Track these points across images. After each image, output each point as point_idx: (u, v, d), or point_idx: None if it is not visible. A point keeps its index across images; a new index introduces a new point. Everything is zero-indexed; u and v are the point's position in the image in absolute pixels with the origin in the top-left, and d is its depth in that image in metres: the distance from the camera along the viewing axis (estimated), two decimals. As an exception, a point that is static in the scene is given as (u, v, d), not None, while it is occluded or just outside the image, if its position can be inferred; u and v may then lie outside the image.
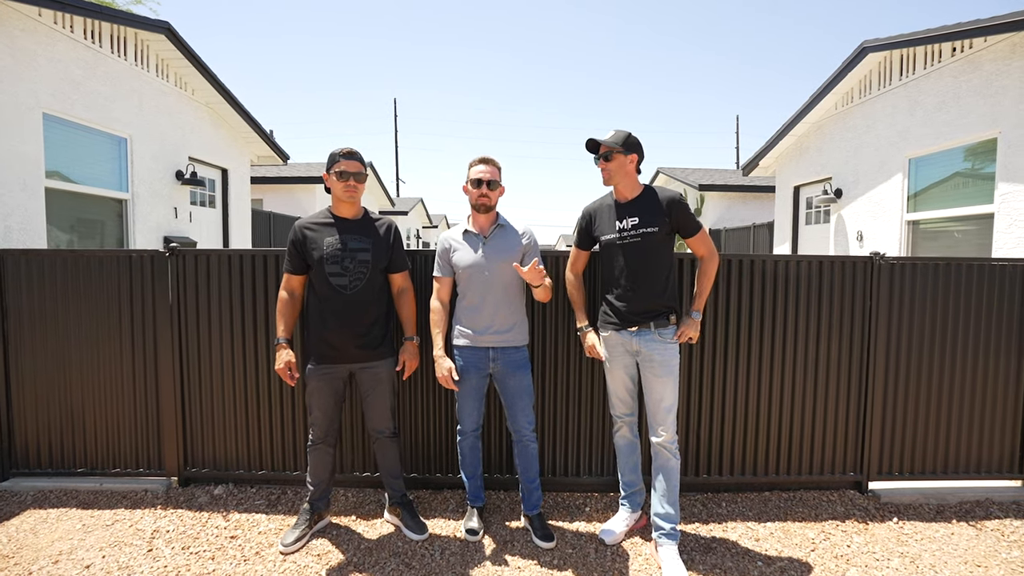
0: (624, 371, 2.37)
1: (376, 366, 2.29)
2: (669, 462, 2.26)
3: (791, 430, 2.85)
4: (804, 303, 2.81)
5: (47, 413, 2.84)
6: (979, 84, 4.84)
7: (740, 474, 2.86)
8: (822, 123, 7.36)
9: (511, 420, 2.40)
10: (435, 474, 2.84)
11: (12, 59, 4.37)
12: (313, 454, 2.36)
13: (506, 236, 2.38)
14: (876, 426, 2.86)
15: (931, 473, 2.90)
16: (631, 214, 2.26)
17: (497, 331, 2.32)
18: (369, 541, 2.38)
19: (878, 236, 6.16)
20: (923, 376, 2.86)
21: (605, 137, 2.26)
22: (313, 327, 2.27)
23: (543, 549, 2.33)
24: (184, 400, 2.81)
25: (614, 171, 2.26)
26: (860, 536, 2.52)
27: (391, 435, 2.40)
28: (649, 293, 2.25)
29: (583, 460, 2.85)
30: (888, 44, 5.56)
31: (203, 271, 2.77)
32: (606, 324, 2.37)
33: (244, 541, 2.37)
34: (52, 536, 2.39)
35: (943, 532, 2.56)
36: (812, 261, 2.82)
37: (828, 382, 2.84)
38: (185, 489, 2.82)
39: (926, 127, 5.48)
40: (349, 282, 2.20)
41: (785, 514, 2.69)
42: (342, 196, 2.24)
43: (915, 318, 2.83)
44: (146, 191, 5.98)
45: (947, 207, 5.38)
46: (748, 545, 2.41)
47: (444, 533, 2.45)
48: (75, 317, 2.79)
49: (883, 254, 2.81)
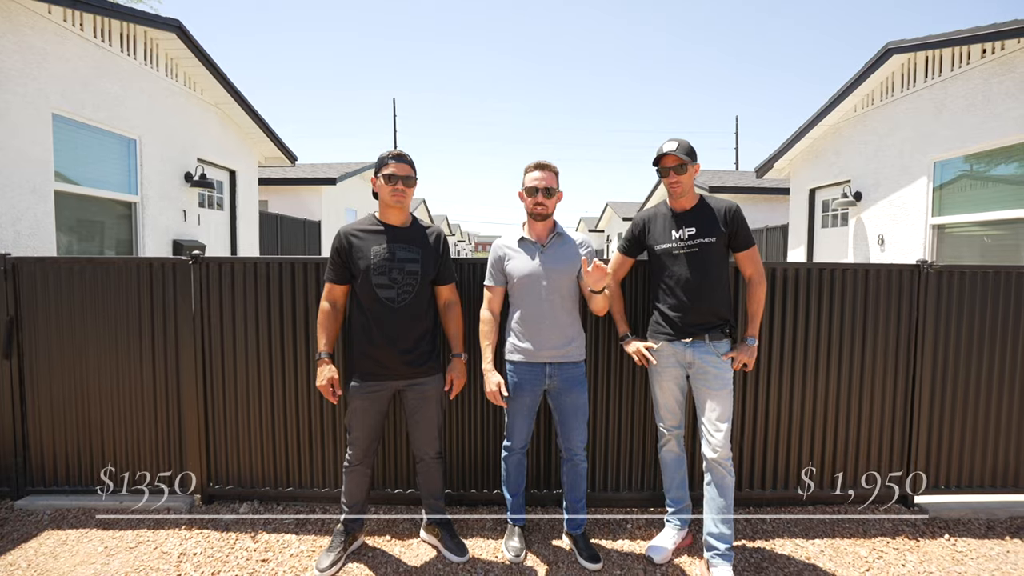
0: (674, 382, 2.30)
1: (424, 383, 2.17)
2: (724, 479, 2.17)
3: (835, 442, 2.77)
4: (849, 313, 2.72)
5: (64, 428, 2.72)
6: (1011, 87, 4.75)
7: (784, 488, 2.77)
8: (840, 126, 7.27)
9: (564, 438, 2.29)
10: (471, 490, 2.73)
11: (21, 58, 4.24)
12: (350, 475, 2.24)
13: (565, 245, 2.27)
14: (923, 438, 2.77)
15: (979, 487, 2.81)
16: (688, 224, 2.19)
17: (555, 345, 2.20)
18: (408, 565, 2.27)
19: (900, 240, 6.08)
20: (971, 386, 2.77)
21: (671, 149, 2.17)
22: (357, 342, 2.14)
23: (591, 571, 2.23)
24: (208, 413, 2.70)
25: (686, 184, 2.20)
26: (913, 554, 2.42)
27: (437, 456, 2.29)
28: (706, 305, 2.19)
29: (623, 475, 2.75)
30: (914, 46, 5.47)
31: (227, 280, 2.66)
32: (657, 334, 2.29)
33: (276, 565, 2.25)
34: (73, 560, 2.27)
35: (998, 550, 2.47)
36: (857, 270, 2.73)
37: (873, 393, 2.75)
38: (209, 507, 2.71)
39: (953, 129, 5.39)
40: (397, 294, 2.08)
41: (833, 530, 2.60)
42: (390, 201, 2.12)
43: (963, 327, 2.75)
44: (155, 193, 5.86)
45: (974, 211, 5.29)
46: (800, 564, 2.32)
47: (484, 555, 2.34)
48: (93, 328, 2.68)
49: (931, 262, 2.73)
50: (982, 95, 5.05)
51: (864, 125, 6.78)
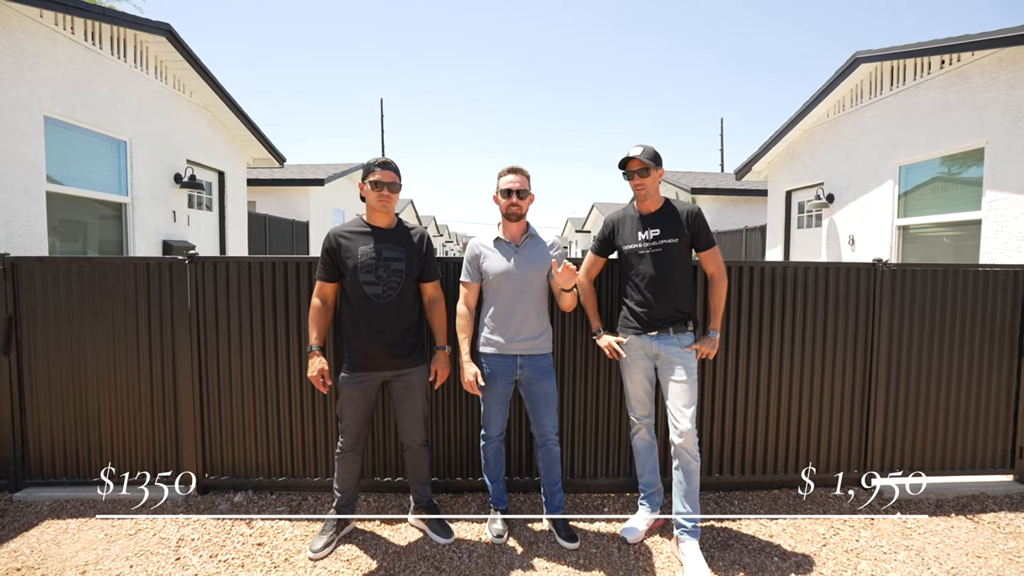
0: (643, 374, 2.45)
1: (409, 374, 2.32)
2: (690, 464, 2.33)
3: (799, 430, 2.95)
4: (811, 308, 2.91)
5: (62, 422, 2.81)
6: (967, 96, 5.04)
7: (751, 473, 2.95)
8: (814, 130, 7.55)
9: (536, 425, 2.46)
10: (455, 478, 2.88)
11: (13, 61, 4.30)
12: (342, 462, 2.39)
13: (537, 246, 2.44)
14: (879, 425, 2.97)
15: (930, 470, 3.03)
16: (653, 226, 2.36)
17: (525, 338, 2.37)
18: (397, 546, 2.41)
19: (869, 240, 6.36)
20: (923, 377, 2.98)
21: (636, 153, 2.33)
22: (347, 336, 2.29)
23: (568, 550, 2.39)
24: (203, 407, 2.81)
25: (649, 186, 2.36)
26: (867, 531, 2.62)
27: (423, 443, 2.43)
28: (669, 300, 2.35)
29: (600, 462, 2.91)
30: (880, 55, 5.75)
31: (222, 279, 2.77)
32: (626, 328, 2.45)
33: (271, 548, 2.38)
34: (75, 546, 2.38)
35: (944, 525, 2.68)
36: (819, 268, 2.92)
37: (834, 384, 2.95)
38: (205, 497, 2.82)
39: (916, 136, 5.67)
40: (383, 291, 2.23)
41: (795, 510, 2.79)
42: (376, 205, 2.27)
43: (915, 322, 2.95)
44: (145, 194, 5.91)
45: (936, 213, 5.58)
46: (763, 541, 2.50)
47: (469, 536, 2.49)
48: (91, 325, 2.77)
49: (886, 261, 2.93)
50: (941, 103, 5.34)
51: (836, 130, 7.07)
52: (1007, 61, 4.67)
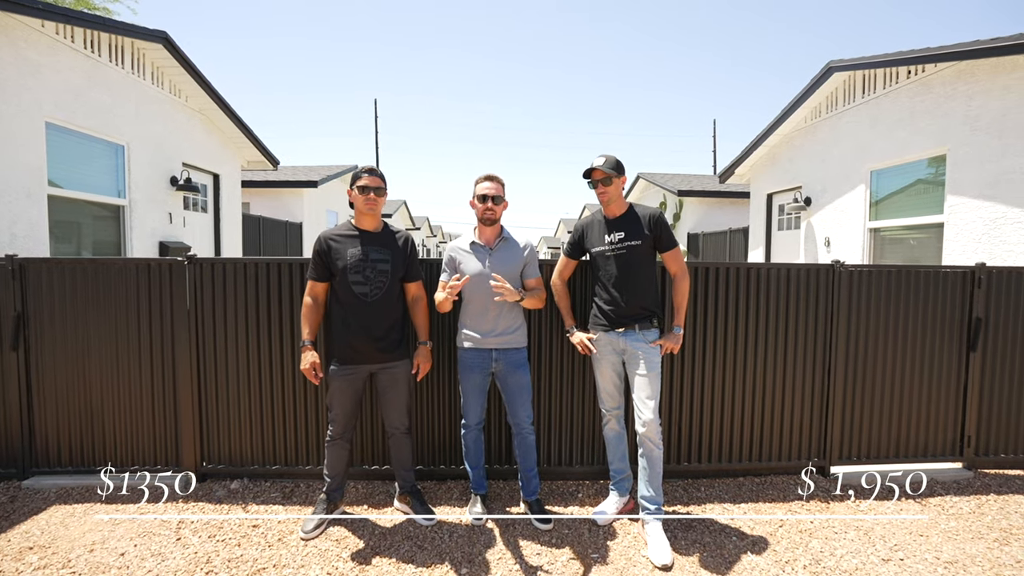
0: (612, 368, 2.64)
1: (394, 367, 2.51)
2: (653, 452, 2.51)
3: (762, 422, 3.15)
4: (775, 306, 3.11)
5: (67, 414, 2.98)
6: (931, 105, 5.29)
7: (718, 461, 3.15)
8: (792, 135, 7.80)
9: (512, 414, 2.65)
10: (439, 466, 3.07)
11: (16, 70, 4.46)
12: (331, 449, 2.57)
13: (509, 248, 2.63)
14: (837, 417, 3.17)
15: (885, 458, 3.23)
16: (618, 229, 2.55)
17: (500, 333, 2.56)
18: (383, 527, 2.60)
19: (844, 242, 6.60)
20: (879, 371, 3.19)
21: (599, 164, 2.52)
22: (336, 332, 2.48)
23: (542, 530, 2.58)
24: (201, 399, 2.98)
25: (612, 194, 2.54)
26: (822, 514, 2.82)
27: (406, 431, 2.62)
28: (634, 299, 2.52)
29: (575, 451, 3.10)
30: (852, 65, 6.00)
31: (219, 279, 2.95)
32: (596, 326, 2.63)
33: (266, 529, 2.56)
34: (82, 528, 2.55)
35: (893, 508, 2.89)
36: (781, 269, 3.12)
37: (795, 378, 3.14)
38: (203, 484, 2.99)
39: (886, 142, 5.92)
40: (370, 290, 2.42)
41: (757, 496, 2.99)
42: (364, 209, 2.46)
43: (871, 319, 3.16)
44: (142, 197, 6.06)
45: (904, 216, 5.83)
46: (724, 523, 2.70)
47: (451, 519, 2.68)
48: (95, 323, 2.94)
49: (843, 262, 3.14)
50: (908, 111, 5.59)
51: (813, 135, 7.32)
52: (965, 73, 4.92)
